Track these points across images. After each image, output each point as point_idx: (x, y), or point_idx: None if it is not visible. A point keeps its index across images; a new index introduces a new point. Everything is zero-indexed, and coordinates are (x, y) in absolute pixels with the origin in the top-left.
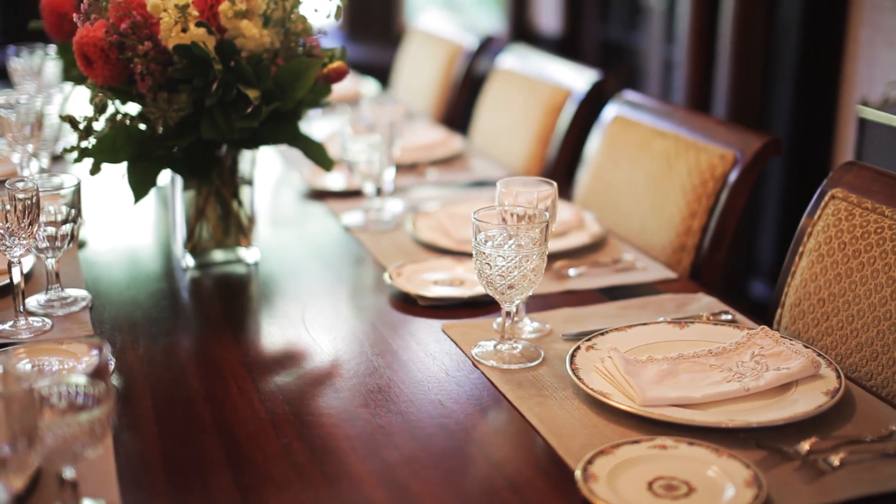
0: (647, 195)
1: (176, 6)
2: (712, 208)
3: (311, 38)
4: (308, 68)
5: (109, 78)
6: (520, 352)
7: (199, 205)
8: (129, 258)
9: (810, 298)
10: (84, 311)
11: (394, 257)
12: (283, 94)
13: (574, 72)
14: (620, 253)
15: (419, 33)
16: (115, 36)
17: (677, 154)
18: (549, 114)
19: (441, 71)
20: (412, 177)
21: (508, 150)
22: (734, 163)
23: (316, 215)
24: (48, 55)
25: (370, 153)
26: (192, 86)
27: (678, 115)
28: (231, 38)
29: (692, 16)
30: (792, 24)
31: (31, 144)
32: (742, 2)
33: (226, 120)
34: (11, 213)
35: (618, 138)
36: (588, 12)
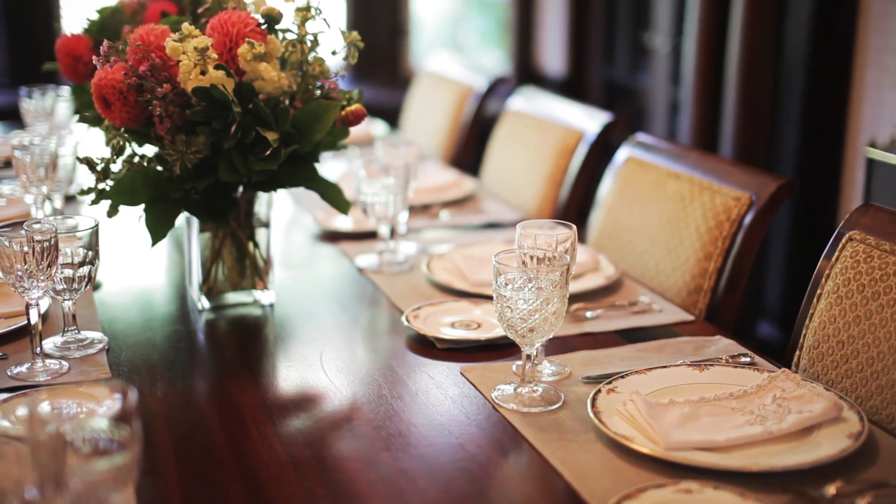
0: (661, 237)
1: (195, 49)
2: (728, 250)
3: (329, 81)
4: (326, 111)
5: (127, 120)
6: (540, 395)
7: (215, 247)
8: (144, 300)
9: (829, 341)
10: (101, 354)
11: (409, 299)
12: (301, 136)
13: (585, 113)
14: (636, 295)
15: (428, 74)
16: (133, 78)
17: (692, 196)
18: (561, 155)
19: (451, 112)
20: (425, 218)
21: (520, 192)
22: (749, 205)
23: (329, 257)
24: (60, 96)
25: (385, 195)
26: (211, 128)
27: (692, 157)
28: (249, 80)
29: (698, 57)
30: (798, 65)
31: (45, 186)
32: (748, 43)
33: (244, 162)
34: (30, 255)
35: (631, 180)
36: (593, 54)
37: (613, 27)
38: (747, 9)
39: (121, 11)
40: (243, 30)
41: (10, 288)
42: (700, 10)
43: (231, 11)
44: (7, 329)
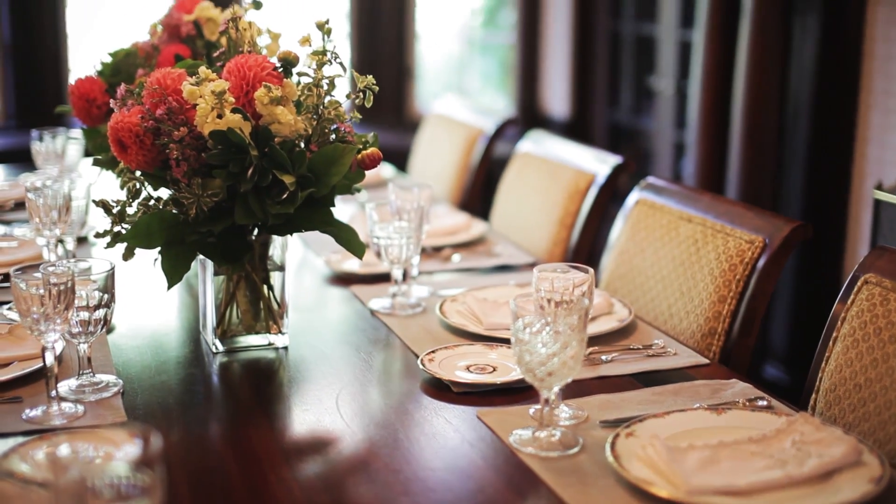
0: (674, 280)
1: (213, 92)
2: (742, 293)
3: (344, 124)
4: (343, 154)
5: (143, 163)
6: (558, 439)
7: (229, 290)
8: (157, 342)
9: (846, 384)
10: (116, 397)
11: (423, 342)
12: (317, 180)
13: (595, 156)
14: (651, 338)
15: (435, 117)
16: (150, 122)
17: (705, 239)
18: (571, 198)
19: (459, 154)
20: (436, 261)
21: (531, 235)
22: (763, 248)
23: (341, 299)
24: (70, 139)
25: (398, 238)
26: (228, 171)
27: (704, 200)
28: (266, 124)
29: (703, 100)
30: (803, 107)
31: (58, 228)
32: (753, 86)
33: (260, 206)
34: (46, 298)
35: (643, 223)
36: (597, 96)
37: (617, 70)
38: (752, 52)
39: (134, 54)
40: (260, 73)
41: (25, 331)
42: (705, 53)
43: (247, 55)
44: (22, 372)
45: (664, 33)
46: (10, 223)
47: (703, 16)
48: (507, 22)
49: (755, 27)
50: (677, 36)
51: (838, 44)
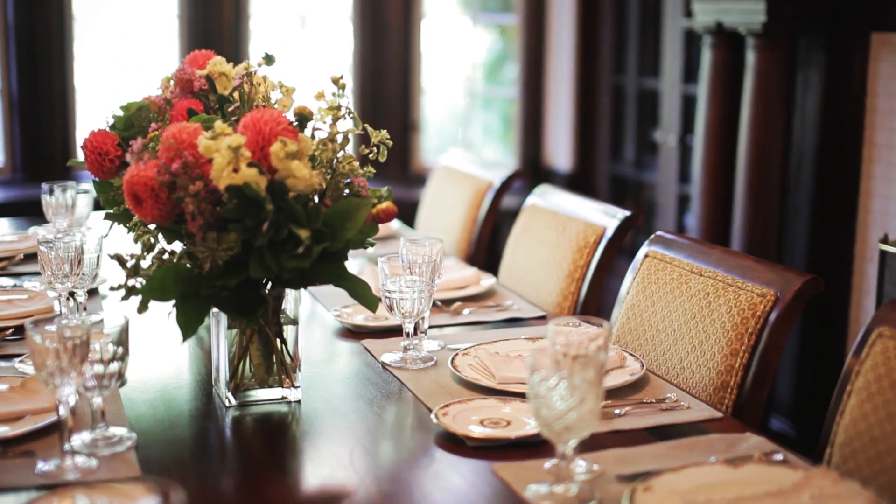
0: (686, 333)
1: (229, 147)
2: (754, 347)
3: (358, 178)
4: (358, 209)
5: (158, 217)
6: (575, 494)
7: (242, 343)
8: (169, 395)
9: (861, 438)
10: (130, 451)
11: (436, 396)
12: (332, 234)
13: (603, 210)
14: (663, 392)
15: (441, 170)
16: (166, 176)
17: (716, 292)
18: (580, 251)
19: (466, 208)
20: (446, 315)
21: (540, 288)
22: (775, 302)
23: (352, 353)
24: (80, 192)
25: (410, 292)
26: (243, 225)
27: (714, 253)
28: (281, 178)
29: (706, 153)
30: (807, 160)
31: (70, 281)
32: (756, 140)
33: (276, 260)
34: (61, 352)
35: (653, 276)
36: (600, 149)
37: (620, 123)
38: (755, 106)
39: (146, 108)
40: (276, 128)
41: (38, 384)
42: (708, 107)
43: (263, 110)
44: (36, 426)
45: (667, 87)
46: (20, 276)
47: (706, 71)
48: (510, 76)
49: (758, 82)
50: (680, 90)
51: (841, 98)
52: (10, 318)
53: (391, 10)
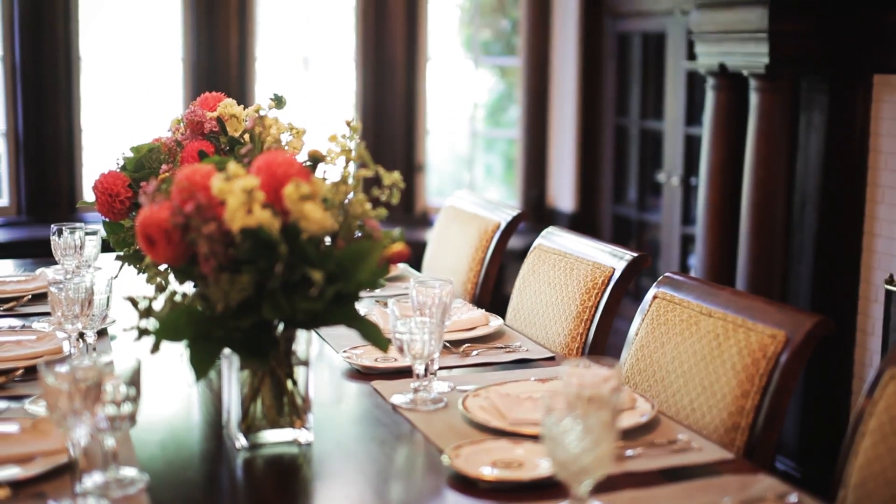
0: (696, 374)
1: (243, 189)
2: (765, 388)
3: (370, 221)
4: (371, 251)
5: (171, 258)
6: None
7: (254, 385)
8: (180, 436)
9: (876, 479)
10: (141, 493)
11: (447, 437)
12: (345, 276)
13: (610, 251)
14: (674, 433)
15: (448, 211)
16: (180, 217)
17: (726, 333)
18: (588, 293)
19: (472, 249)
20: (455, 356)
21: (547, 329)
22: (785, 343)
23: (362, 394)
24: (88, 233)
25: (421, 333)
26: (256, 267)
27: (723, 294)
28: (295, 220)
29: (709, 194)
30: (811, 201)
31: (80, 322)
32: (760, 180)
33: (289, 302)
34: (75, 393)
35: (662, 318)
36: (603, 190)
37: (623, 164)
38: (759, 148)
39: (157, 150)
40: (289, 170)
41: (49, 425)
42: (711, 148)
43: (275, 152)
44: (47, 469)
45: (670, 128)
46: (29, 316)
47: (709, 112)
48: (511, 117)
49: (762, 123)
50: (683, 131)
51: (844, 139)
52: (20, 359)
53: (395, 52)
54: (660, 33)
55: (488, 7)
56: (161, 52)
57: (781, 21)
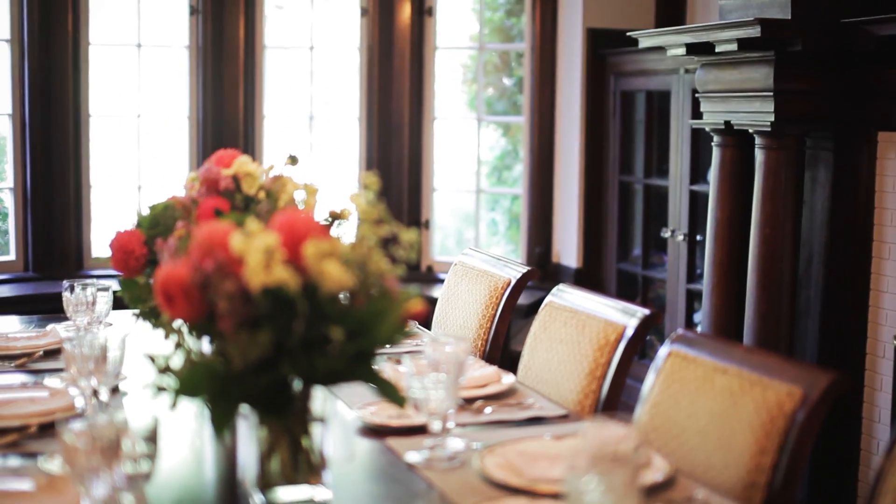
0: (712, 432)
1: (263, 247)
2: (782, 446)
3: (389, 279)
4: (390, 309)
5: (190, 315)
6: None
7: (270, 442)
8: (195, 492)
9: None
10: None
11: (464, 495)
12: (365, 333)
13: (622, 308)
14: (692, 490)
15: (457, 268)
16: (200, 275)
17: (742, 390)
18: (601, 350)
19: (482, 305)
20: (469, 414)
21: (560, 387)
22: (802, 400)
23: (376, 452)
24: (100, 289)
25: (436, 391)
26: (275, 325)
27: (738, 351)
28: (314, 278)
29: (715, 250)
30: (817, 257)
31: (94, 378)
32: (766, 237)
33: (308, 359)
34: (93, 452)
35: (676, 375)
36: (608, 246)
37: (628, 220)
38: (765, 203)
39: (172, 208)
40: (309, 229)
41: (65, 482)
42: (717, 205)
43: (294, 210)
44: None
45: (674, 185)
46: (40, 372)
47: (714, 169)
48: (515, 174)
49: (767, 180)
50: (687, 188)
51: (850, 196)
52: (33, 416)
53: (401, 110)
54: (664, 91)
55: (492, 66)
56: (168, 109)
57: (786, 80)
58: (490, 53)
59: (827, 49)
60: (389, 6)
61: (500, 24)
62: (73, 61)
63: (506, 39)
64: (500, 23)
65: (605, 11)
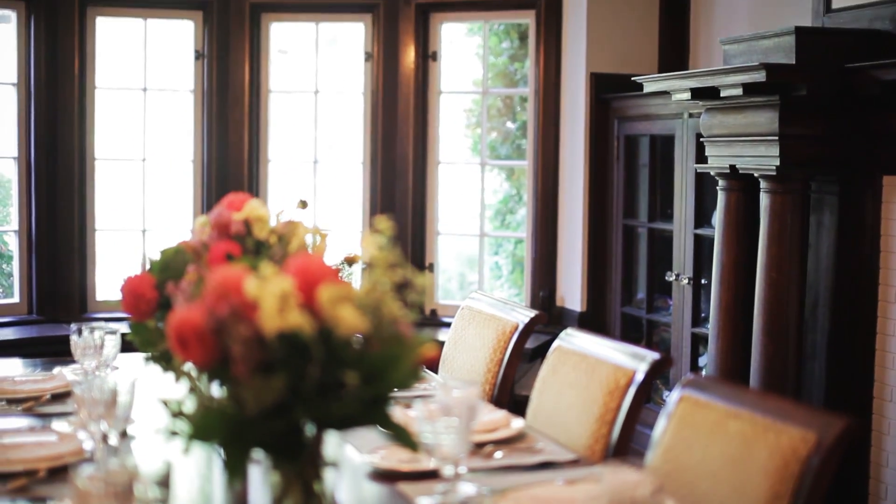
0: (725, 477)
1: (278, 292)
2: (797, 490)
3: (403, 323)
4: (405, 354)
5: (204, 360)
6: None
7: (283, 487)
8: None
9: None
10: None
11: None
12: (380, 378)
13: (631, 352)
14: None
15: (466, 311)
16: (214, 320)
17: (755, 436)
18: (611, 394)
19: (490, 350)
20: (479, 458)
21: (569, 431)
22: (817, 445)
23: (387, 497)
24: (108, 332)
25: (449, 435)
26: (290, 369)
27: (750, 396)
28: (329, 323)
29: (721, 293)
30: (823, 301)
31: (105, 422)
32: (772, 281)
33: (322, 404)
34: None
35: (688, 420)
36: (612, 289)
37: (632, 263)
38: (770, 247)
39: (183, 252)
40: (323, 274)
41: None
42: (722, 248)
43: (308, 255)
44: None
45: (678, 229)
46: (48, 416)
47: (720, 213)
48: (519, 217)
49: (773, 224)
50: (692, 232)
51: (855, 240)
52: (42, 460)
53: (405, 154)
54: (668, 136)
55: (495, 110)
56: (173, 152)
57: (792, 124)
58: (493, 98)
59: (832, 94)
60: (394, 51)
61: (504, 68)
62: (79, 105)
63: (509, 84)
64: (503, 67)
65: (609, 56)
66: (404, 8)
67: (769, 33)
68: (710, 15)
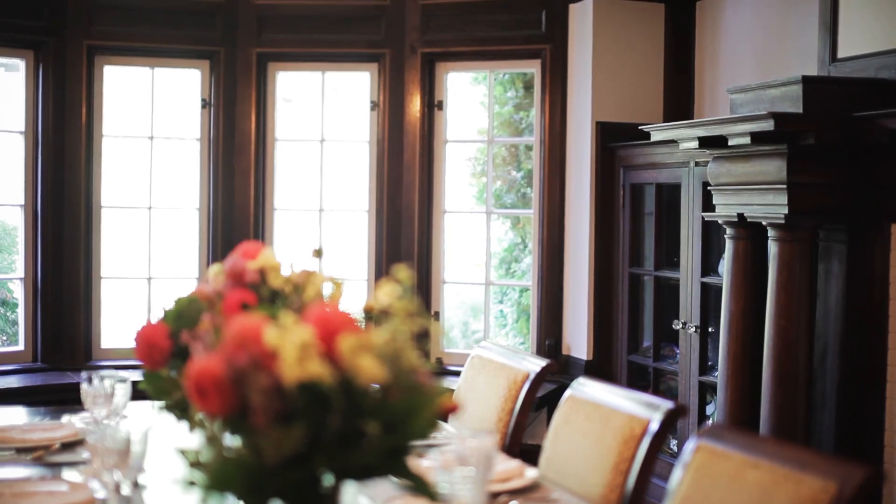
0: None
1: (298, 342)
2: None
3: (421, 373)
4: (425, 404)
5: (223, 410)
6: None
7: None
8: None
9: None
10: None
11: None
12: (400, 428)
13: (645, 401)
14: None
15: (476, 360)
16: (232, 369)
17: (775, 485)
18: (626, 443)
19: (501, 398)
20: None
21: (584, 481)
22: (838, 495)
23: None
24: (118, 380)
25: (465, 485)
26: (309, 419)
27: (768, 446)
28: (349, 372)
29: (730, 341)
30: (832, 348)
31: (118, 471)
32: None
33: (342, 454)
34: None
35: (706, 470)
36: (619, 337)
37: (638, 311)
38: (779, 295)
39: (197, 301)
40: (343, 324)
41: None
42: (731, 296)
43: (326, 305)
44: None
45: (685, 277)
46: (58, 465)
47: (728, 261)
48: (524, 266)
49: (782, 272)
50: (699, 280)
51: (863, 288)
52: None
53: (410, 203)
54: (674, 184)
55: (500, 158)
56: (179, 200)
57: (800, 172)
58: (499, 147)
59: (839, 142)
60: (399, 100)
61: (509, 117)
62: (86, 152)
63: (514, 133)
64: (508, 116)
65: (614, 105)
66: (410, 57)
67: (776, 82)
68: (715, 64)
